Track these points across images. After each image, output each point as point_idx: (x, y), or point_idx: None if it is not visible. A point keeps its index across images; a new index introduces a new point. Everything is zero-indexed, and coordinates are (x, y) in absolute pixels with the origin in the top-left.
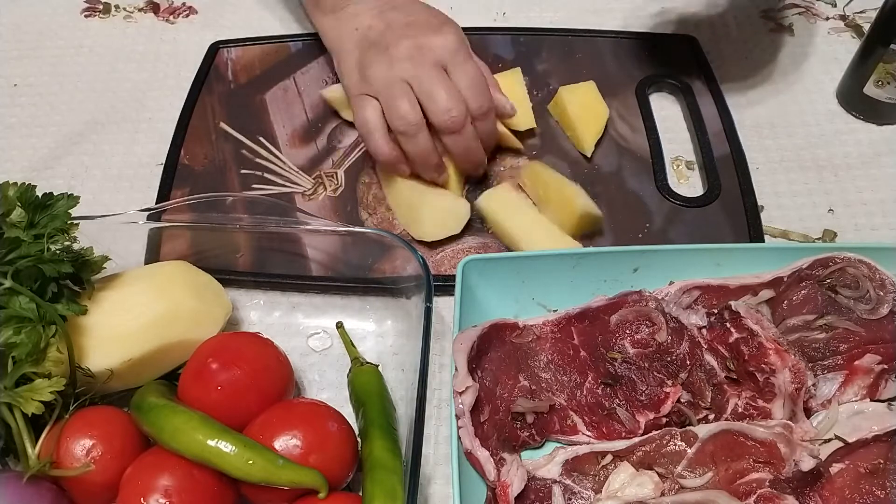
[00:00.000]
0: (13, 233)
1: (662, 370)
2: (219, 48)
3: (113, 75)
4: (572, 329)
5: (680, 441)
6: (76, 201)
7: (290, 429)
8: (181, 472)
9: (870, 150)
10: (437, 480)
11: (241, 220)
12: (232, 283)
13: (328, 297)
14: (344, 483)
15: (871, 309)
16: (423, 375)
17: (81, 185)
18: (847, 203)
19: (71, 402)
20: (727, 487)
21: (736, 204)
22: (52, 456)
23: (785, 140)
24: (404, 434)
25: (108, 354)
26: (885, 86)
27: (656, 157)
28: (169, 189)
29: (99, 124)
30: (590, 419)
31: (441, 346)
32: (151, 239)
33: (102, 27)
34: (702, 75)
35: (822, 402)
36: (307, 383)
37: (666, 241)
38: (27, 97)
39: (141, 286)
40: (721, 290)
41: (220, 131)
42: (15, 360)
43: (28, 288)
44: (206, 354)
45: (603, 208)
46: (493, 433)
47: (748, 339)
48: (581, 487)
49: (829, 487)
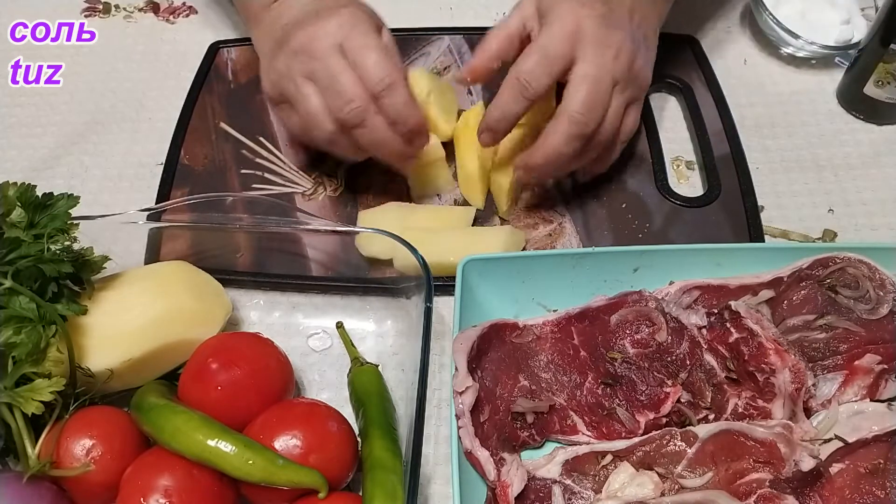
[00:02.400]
0: (13, 233)
1: (662, 370)
2: (219, 48)
3: (113, 75)
4: (572, 329)
5: (680, 441)
6: (76, 201)
7: (290, 429)
8: (181, 472)
9: (870, 150)
10: (437, 480)
11: (241, 220)
12: (232, 283)
13: (328, 297)
14: (344, 483)
15: (871, 309)
16: (423, 375)
17: (81, 185)
18: (847, 203)
19: (71, 402)
20: (727, 487)
21: (736, 204)
22: (52, 456)
23: (785, 140)
24: (404, 434)
25: (108, 354)
26: (885, 86)
27: (656, 157)
28: (169, 189)
29: (99, 124)
30: (590, 419)
31: (441, 346)
32: (151, 239)
33: (102, 27)
34: (702, 75)
35: (822, 402)
36: (307, 383)
37: (666, 241)
38: (27, 97)
39: (141, 286)
40: (721, 290)
41: (220, 131)
42: (15, 360)
43: (28, 288)
44: (206, 354)
45: (603, 208)
46: (493, 433)
47: (748, 339)
48: (581, 487)
49: (829, 487)
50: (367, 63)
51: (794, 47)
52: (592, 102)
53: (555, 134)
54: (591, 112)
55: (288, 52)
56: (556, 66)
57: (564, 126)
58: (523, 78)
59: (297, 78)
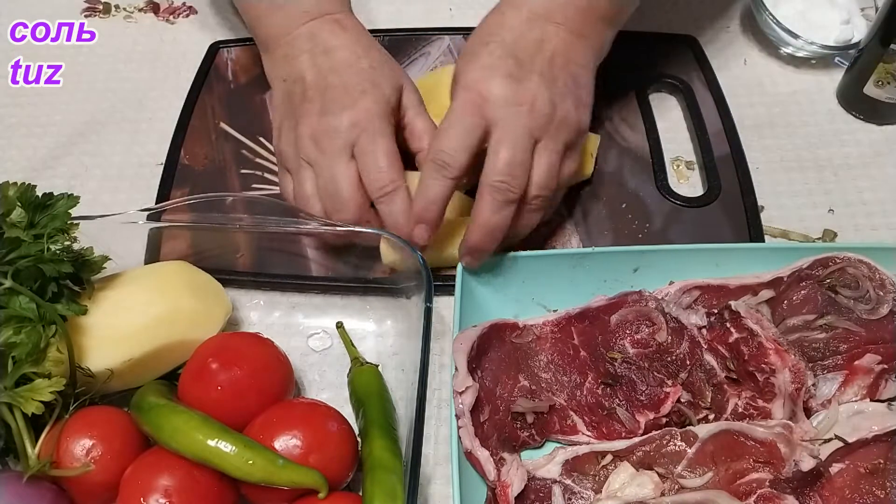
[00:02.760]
0: (13, 233)
1: (662, 370)
2: (219, 48)
3: (113, 75)
4: (572, 329)
5: (680, 441)
6: (76, 201)
7: (290, 429)
8: (181, 472)
9: (870, 150)
10: (437, 480)
11: (241, 220)
12: (232, 283)
13: (328, 297)
14: (344, 483)
15: (871, 309)
16: (423, 375)
17: (81, 185)
18: (847, 203)
19: (71, 402)
20: (727, 487)
21: (736, 204)
22: (52, 456)
23: (785, 140)
24: (404, 434)
25: (108, 354)
26: (885, 86)
27: (656, 157)
28: (169, 189)
29: (99, 124)
30: (590, 419)
31: (441, 346)
32: (151, 239)
33: (102, 27)
34: (702, 75)
35: (822, 402)
36: (307, 383)
37: (666, 241)
38: (27, 97)
39: (141, 286)
40: (721, 290)
41: (220, 131)
42: (15, 360)
43: (28, 288)
44: (206, 354)
45: (603, 208)
46: (493, 433)
47: (748, 339)
48: (581, 487)
49: (829, 487)
50: (372, 169)
51: (793, 47)
52: (511, 166)
53: (481, 208)
54: (512, 177)
55: (297, 132)
56: (470, 138)
57: (488, 198)
58: (439, 159)
59: (301, 160)
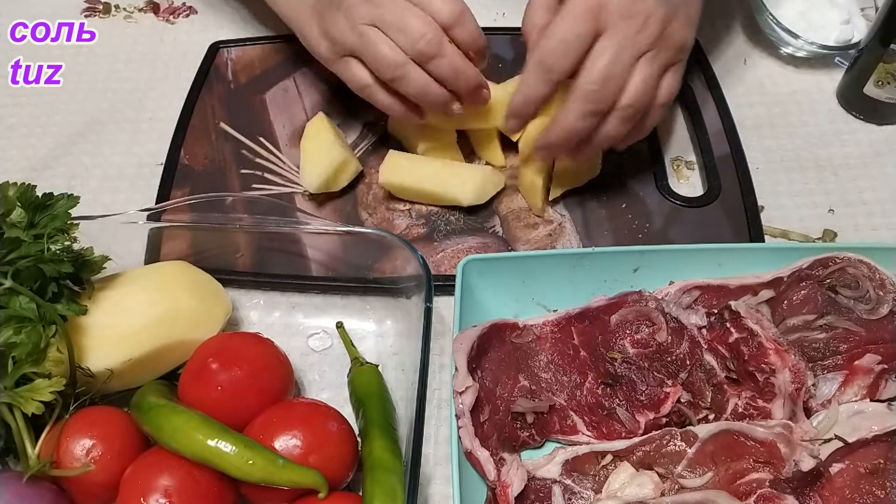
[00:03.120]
0: (13, 233)
1: (662, 370)
2: (219, 48)
3: (113, 75)
4: (572, 329)
5: (680, 441)
6: (76, 201)
7: (290, 429)
8: (181, 472)
9: (870, 150)
10: (437, 480)
11: (241, 220)
12: (232, 283)
13: (328, 297)
14: (344, 483)
15: (871, 309)
16: (423, 375)
17: (81, 185)
18: (847, 203)
19: (71, 402)
20: (727, 487)
21: (736, 204)
22: (52, 456)
23: (785, 140)
24: (404, 434)
25: (108, 354)
26: (885, 86)
27: (656, 157)
28: (169, 189)
29: (99, 124)
30: (590, 419)
31: (441, 346)
32: (151, 239)
33: (102, 27)
34: (702, 75)
35: (822, 402)
36: (307, 383)
37: (666, 241)
38: (27, 97)
39: (141, 286)
40: (721, 290)
41: (220, 131)
42: (15, 360)
43: (28, 288)
44: (206, 354)
45: (603, 208)
46: (493, 433)
47: (748, 339)
48: (581, 487)
49: (829, 487)
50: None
51: (793, 47)
52: (607, 77)
53: (567, 110)
54: (604, 87)
55: (345, 7)
56: (577, 46)
57: (577, 102)
58: (547, 62)
59: (361, 27)
